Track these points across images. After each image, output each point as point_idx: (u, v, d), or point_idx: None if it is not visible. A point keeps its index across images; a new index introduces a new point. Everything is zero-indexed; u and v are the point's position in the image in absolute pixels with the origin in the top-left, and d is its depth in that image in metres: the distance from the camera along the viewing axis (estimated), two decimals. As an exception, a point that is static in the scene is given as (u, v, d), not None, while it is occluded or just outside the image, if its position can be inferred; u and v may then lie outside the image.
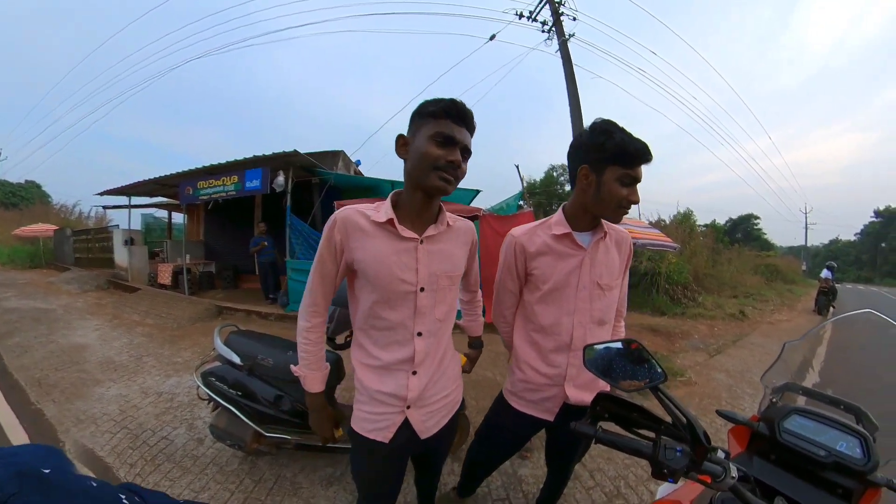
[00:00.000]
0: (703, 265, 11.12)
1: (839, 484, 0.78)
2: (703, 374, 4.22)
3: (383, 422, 1.02)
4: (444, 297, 1.03)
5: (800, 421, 0.88)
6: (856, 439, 0.81)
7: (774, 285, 14.88)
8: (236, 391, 1.87)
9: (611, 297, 1.21)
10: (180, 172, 6.91)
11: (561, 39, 8.15)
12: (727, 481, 0.67)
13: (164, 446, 2.26)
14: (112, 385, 3.09)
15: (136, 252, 8.36)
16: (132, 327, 4.95)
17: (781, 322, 8.26)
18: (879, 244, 47.50)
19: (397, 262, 0.95)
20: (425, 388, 1.03)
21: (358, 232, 0.96)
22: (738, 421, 0.97)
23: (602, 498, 2.02)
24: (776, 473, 0.84)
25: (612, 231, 1.21)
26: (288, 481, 1.99)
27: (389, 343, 1.00)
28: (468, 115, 0.94)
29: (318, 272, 1.00)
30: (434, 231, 1.00)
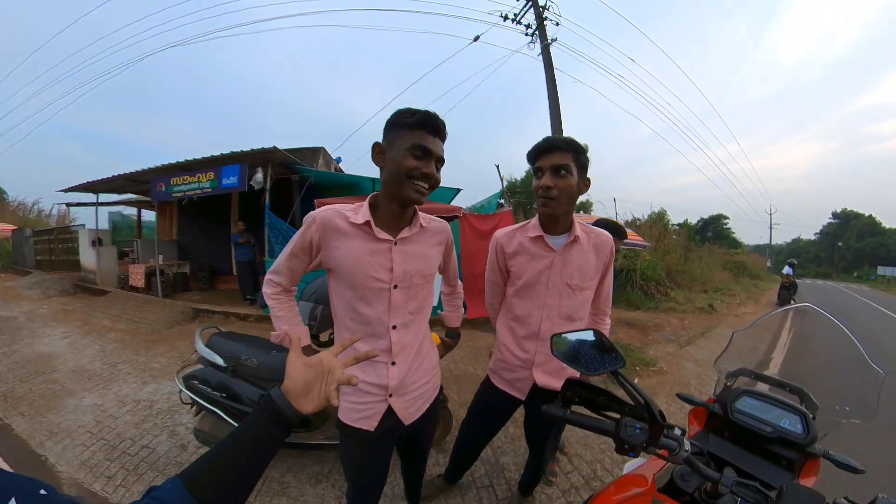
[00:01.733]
0: (676, 262, 11.80)
1: (783, 456, 0.87)
2: (673, 363, 4.49)
3: (368, 410, 1.09)
4: (416, 293, 1.11)
5: (749, 402, 0.97)
6: (797, 417, 0.91)
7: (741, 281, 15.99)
8: (220, 393, 1.87)
9: (581, 296, 1.31)
10: (152, 168, 6.61)
11: (543, 43, 8.33)
12: (681, 454, 0.76)
13: (145, 455, 2.23)
14: (86, 395, 2.98)
15: (104, 253, 7.91)
16: (104, 333, 4.75)
17: (747, 315, 8.77)
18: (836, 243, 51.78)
19: (372, 262, 1.02)
20: (405, 376, 1.11)
21: (336, 233, 1.02)
22: (695, 403, 1.07)
23: (580, 480, 2.15)
24: (730, 448, 0.93)
25: (592, 235, 1.31)
26: (276, 481, 2.01)
27: (367, 336, 1.07)
28: (442, 126, 1.00)
29: (289, 260, 1.08)
30: (408, 233, 1.06)
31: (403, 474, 1.58)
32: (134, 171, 6.84)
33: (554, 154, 1.17)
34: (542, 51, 8.36)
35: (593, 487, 2.11)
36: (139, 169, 6.77)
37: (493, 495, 2.00)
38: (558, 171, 1.16)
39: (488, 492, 2.03)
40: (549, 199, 1.18)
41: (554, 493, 2.02)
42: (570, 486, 2.09)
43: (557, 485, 2.09)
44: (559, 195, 1.17)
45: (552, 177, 1.17)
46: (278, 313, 1.14)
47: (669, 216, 16.13)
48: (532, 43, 8.66)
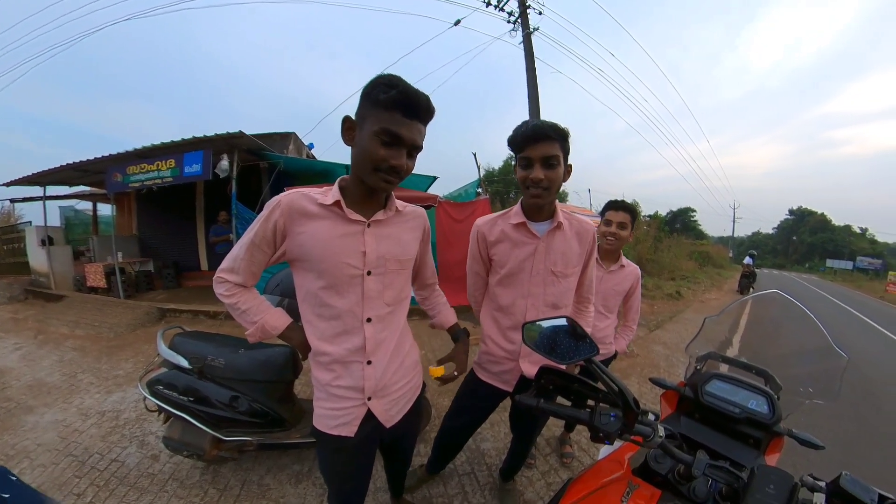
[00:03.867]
0: (647, 251, 12.62)
1: (751, 435, 0.91)
2: (644, 347, 4.75)
3: (346, 416, 1.01)
4: (392, 281, 1.01)
5: (719, 384, 1.00)
6: (763, 398, 0.94)
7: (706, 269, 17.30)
8: (188, 397, 1.78)
9: (565, 283, 1.30)
10: (107, 156, 6.05)
11: (525, 32, 8.26)
12: (655, 440, 0.77)
13: (115, 469, 2.11)
14: (45, 411, 2.78)
15: (56, 253, 7.30)
16: (61, 342, 4.43)
17: (711, 300, 9.50)
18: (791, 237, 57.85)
19: (342, 246, 0.93)
20: (382, 377, 1.02)
21: (303, 217, 0.92)
22: (667, 386, 1.10)
23: (556, 462, 2.24)
24: (701, 430, 0.96)
25: (574, 222, 1.30)
26: (255, 484, 1.98)
27: (338, 333, 0.97)
28: (423, 106, 0.85)
29: (249, 251, 0.95)
30: (383, 216, 0.98)
31: (386, 471, 1.55)
32: (86, 161, 6.22)
33: (543, 143, 1.11)
34: (523, 39, 8.32)
35: (572, 468, 2.19)
36: (92, 158, 6.16)
37: (475, 482, 2.04)
38: (548, 162, 1.12)
39: (470, 478, 2.06)
40: (540, 189, 1.15)
41: (534, 476, 2.08)
42: (549, 468, 2.16)
43: (536, 467, 2.16)
44: (550, 186, 1.15)
45: (543, 168, 1.12)
46: (242, 307, 1.00)
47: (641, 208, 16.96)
48: (514, 31, 8.60)
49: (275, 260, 0.97)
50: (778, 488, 0.62)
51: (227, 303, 1.00)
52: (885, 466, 2.66)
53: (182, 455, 1.92)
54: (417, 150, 0.90)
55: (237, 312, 1.01)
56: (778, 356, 1.29)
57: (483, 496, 1.94)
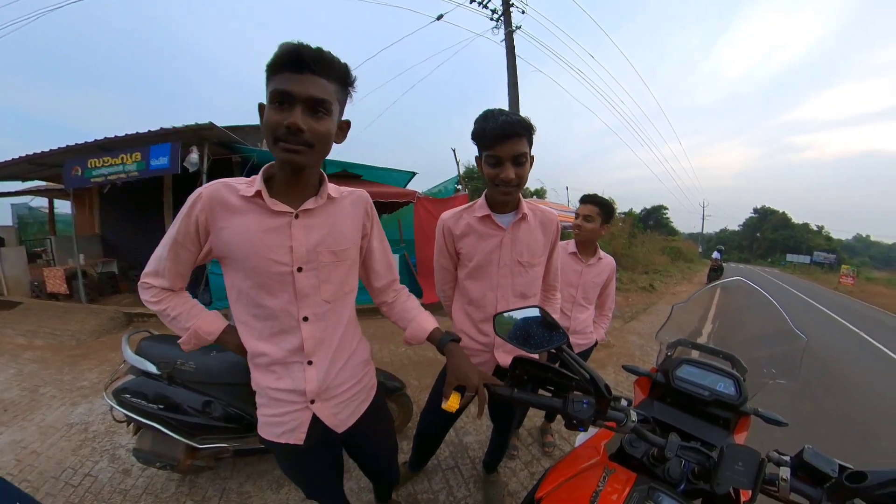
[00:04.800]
0: (622, 246, 13.48)
1: (720, 416, 0.96)
2: (620, 337, 4.98)
3: (290, 423, 0.95)
4: (328, 275, 0.92)
5: (689, 369, 1.04)
6: (731, 380, 0.99)
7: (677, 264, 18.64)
8: (157, 405, 1.70)
9: (533, 273, 1.33)
10: (65, 148, 5.60)
11: (508, 30, 8.35)
12: (628, 425, 0.79)
13: (88, 485, 2.00)
14: (3, 430, 2.58)
15: (9, 256, 6.77)
16: (18, 354, 4.12)
17: (682, 293, 10.05)
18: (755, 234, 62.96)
19: (266, 241, 0.85)
20: (326, 377, 0.95)
21: (225, 210, 0.84)
22: (640, 373, 1.14)
23: (538, 451, 2.30)
24: (673, 413, 1.00)
25: (538, 213, 1.32)
26: (234, 493, 1.93)
27: (274, 334, 0.91)
28: (307, 56, 0.74)
29: (173, 250, 0.88)
30: (313, 204, 0.88)
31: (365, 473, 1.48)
32: (40, 153, 5.72)
33: (513, 142, 1.09)
34: (505, 37, 8.42)
35: (554, 457, 2.25)
36: (47, 149, 5.67)
37: (459, 475, 2.06)
38: (518, 160, 1.12)
39: (454, 472, 2.09)
40: (510, 188, 1.15)
41: (517, 466, 2.13)
42: (531, 458, 2.21)
43: (519, 457, 2.21)
44: (520, 183, 1.16)
45: (513, 167, 1.11)
46: (171, 313, 0.92)
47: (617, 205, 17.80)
48: (497, 28, 8.71)
49: (202, 258, 0.91)
50: (746, 465, 0.65)
51: (154, 310, 0.93)
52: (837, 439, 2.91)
53: (155, 467, 1.84)
54: (322, 105, 0.77)
55: (167, 319, 0.93)
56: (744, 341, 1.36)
57: (468, 489, 1.96)
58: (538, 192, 18.70)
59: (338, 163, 6.53)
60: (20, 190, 8.54)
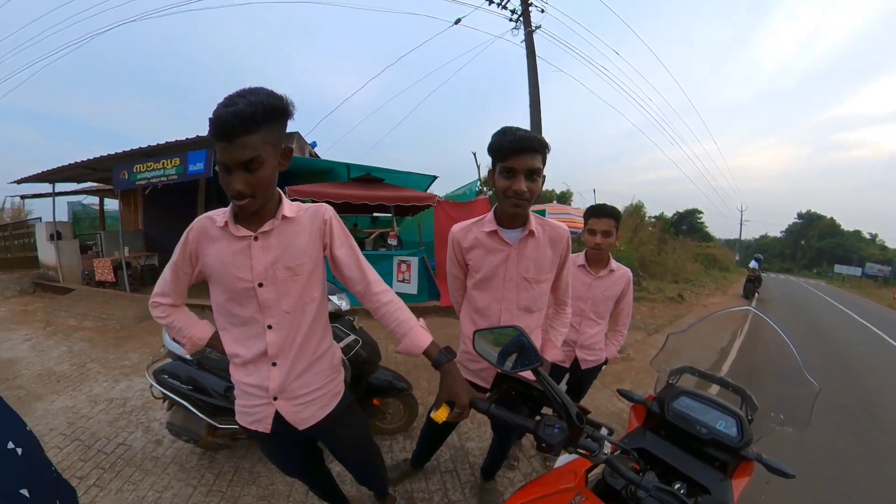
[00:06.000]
0: (650, 253, 12.34)
1: (718, 458, 0.87)
2: (640, 350, 4.77)
3: (257, 413, 1.10)
4: (287, 288, 1.02)
5: (687, 402, 0.96)
6: (733, 419, 0.90)
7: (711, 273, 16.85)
8: (188, 386, 1.92)
9: (538, 288, 1.34)
10: (114, 154, 6.23)
11: (527, 30, 8.19)
12: (600, 456, 0.76)
13: (122, 452, 2.26)
14: (56, 398, 2.93)
15: (65, 248, 7.49)
16: (70, 333, 4.60)
17: (714, 305, 9.22)
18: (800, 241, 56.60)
19: (233, 262, 1.00)
20: (286, 379, 1.07)
21: (207, 239, 1.02)
22: (634, 400, 1.07)
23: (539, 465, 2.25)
24: (665, 447, 0.93)
25: (548, 228, 1.31)
26: (246, 471, 2.10)
27: (247, 338, 1.06)
28: (231, 125, 0.81)
29: (174, 273, 1.08)
30: (269, 226, 1.00)
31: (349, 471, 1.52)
32: (93, 159, 6.43)
33: (528, 156, 1.11)
34: (525, 38, 8.25)
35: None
36: (99, 155, 6.35)
37: (456, 480, 2.07)
38: (532, 175, 1.14)
39: (452, 476, 2.09)
40: (522, 201, 1.17)
41: (515, 477, 2.09)
42: (531, 470, 2.17)
43: (519, 469, 2.18)
44: (531, 198, 1.17)
45: (526, 181, 1.13)
46: (176, 325, 1.15)
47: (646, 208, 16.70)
48: (516, 29, 8.53)
49: (195, 278, 1.09)
50: None
51: (163, 323, 1.14)
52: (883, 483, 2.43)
53: (181, 439, 2.06)
54: (252, 162, 0.86)
55: (173, 331, 1.15)
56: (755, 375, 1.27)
57: (463, 493, 1.98)
58: (563, 196, 17.92)
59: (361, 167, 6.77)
60: (75, 190, 9.39)
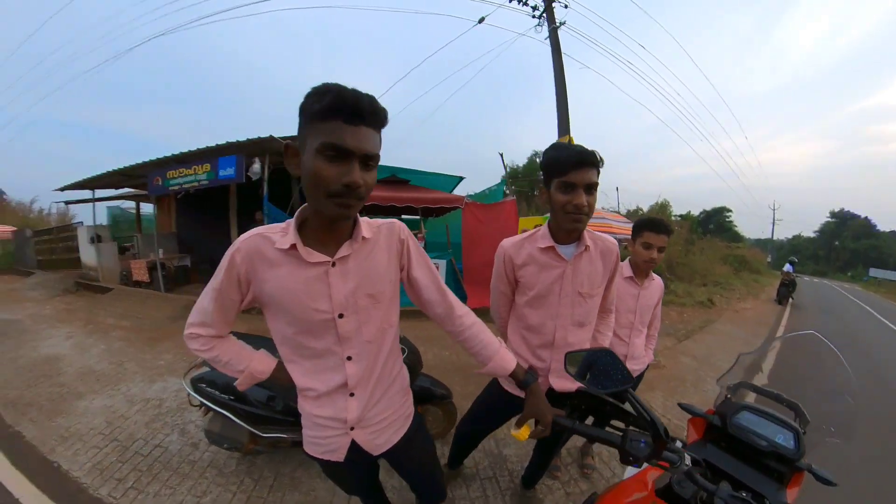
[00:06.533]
0: (677, 254, 11.86)
1: (776, 469, 0.93)
2: (671, 357, 4.55)
3: (331, 444, 1.02)
4: (368, 317, 0.93)
5: (748, 416, 1.02)
6: (791, 433, 0.96)
7: (742, 275, 15.93)
8: (228, 395, 1.88)
9: (591, 303, 1.33)
10: (148, 162, 6.52)
11: (551, 27, 8.06)
12: (681, 467, 0.82)
13: (159, 454, 2.26)
14: (95, 397, 2.99)
15: (104, 249, 7.90)
16: (108, 332, 4.75)
17: (746, 310, 8.78)
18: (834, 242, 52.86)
19: (307, 292, 0.86)
20: (365, 408, 0.99)
21: (263, 263, 0.85)
22: (696, 413, 1.11)
23: (577, 472, 2.19)
24: (726, 458, 0.98)
25: (599, 242, 1.32)
26: (287, 477, 2.06)
27: (321, 371, 0.95)
28: (366, 107, 0.71)
29: (218, 301, 0.90)
30: (348, 250, 0.88)
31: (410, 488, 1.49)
32: (129, 166, 6.77)
33: (589, 170, 1.12)
34: (549, 34, 8.10)
35: (592, 479, 2.14)
36: (135, 163, 6.67)
37: (496, 486, 2.05)
38: (591, 189, 1.15)
39: (492, 483, 2.07)
40: (582, 216, 1.16)
41: (554, 485, 2.06)
42: (569, 478, 2.14)
43: (559, 478, 2.13)
44: (590, 212, 1.18)
45: (586, 195, 1.14)
46: (223, 359, 0.98)
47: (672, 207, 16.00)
48: (539, 26, 8.39)
49: (245, 305, 0.92)
50: None
51: (206, 357, 0.97)
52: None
53: (221, 447, 2.03)
54: (374, 161, 0.77)
55: (219, 364, 0.98)
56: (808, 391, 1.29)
57: (504, 501, 1.94)
58: None
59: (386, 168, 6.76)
60: (114, 195, 9.84)
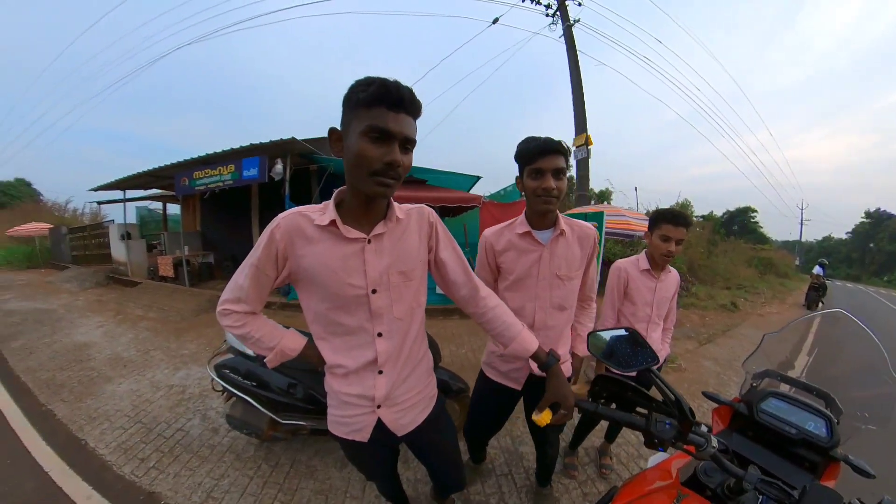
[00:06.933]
0: (699, 256, 11.40)
1: (806, 458, 0.88)
2: (692, 361, 4.37)
3: (357, 423, 1.02)
4: (400, 294, 0.96)
5: (775, 403, 0.97)
6: (822, 420, 0.91)
7: (767, 278, 15.03)
8: (250, 381, 1.91)
9: (570, 286, 1.39)
10: (175, 163, 6.81)
11: (566, 24, 7.99)
12: (708, 450, 0.78)
13: (180, 438, 2.32)
14: (122, 381, 3.12)
15: (133, 246, 8.30)
16: (136, 322, 4.96)
17: (771, 315, 8.36)
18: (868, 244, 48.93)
19: (344, 267, 0.89)
20: (392, 386, 1.01)
21: (302, 239, 0.89)
22: (721, 401, 1.06)
23: (594, 472, 2.13)
24: (753, 448, 0.94)
25: (576, 228, 1.38)
26: (303, 465, 2.07)
27: (351, 348, 0.97)
28: (406, 97, 0.79)
29: (254, 277, 0.92)
30: (383, 228, 0.92)
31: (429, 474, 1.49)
32: (158, 167, 7.08)
33: (554, 156, 1.21)
34: (563, 32, 8.02)
35: (610, 480, 2.08)
36: (163, 165, 6.98)
37: (511, 483, 2.01)
38: (558, 174, 1.23)
39: (507, 479, 2.04)
40: (551, 198, 1.24)
41: (571, 485, 2.02)
42: (586, 478, 2.08)
43: (576, 478, 2.08)
44: (559, 195, 1.24)
45: (554, 179, 1.22)
46: (255, 335, 0.99)
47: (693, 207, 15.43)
48: (553, 24, 8.31)
49: (279, 282, 0.95)
50: None
51: (237, 334, 0.98)
52: None
53: (242, 432, 2.05)
54: (411, 145, 0.84)
55: (250, 341, 1.00)
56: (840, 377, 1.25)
57: (519, 498, 1.91)
58: (603, 194, 16.83)
59: (404, 168, 6.80)
60: (142, 196, 10.34)
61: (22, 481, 1.93)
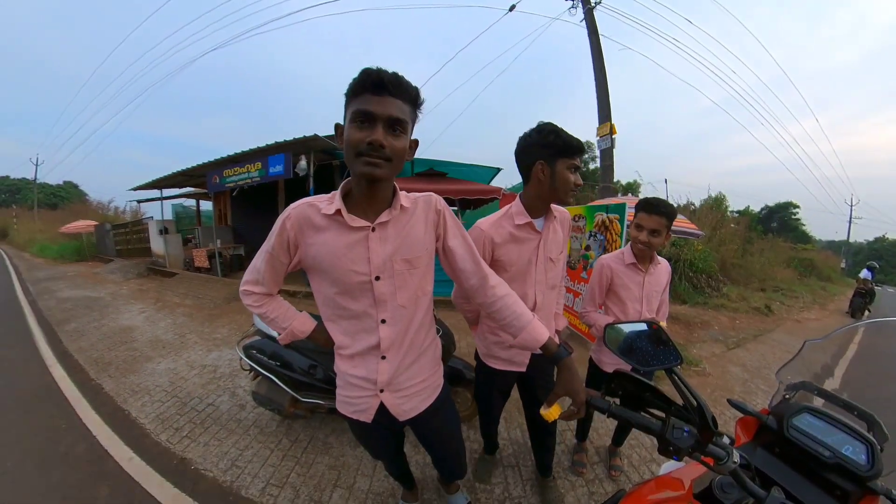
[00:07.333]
0: (732, 254, 10.51)
1: (839, 486, 0.77)
2: (718, 365, 4.13)
3: (361, 404, 1.07)
4: (403, 282, 0.98)
5: (809, 420, 0.87)
6: (863, 445, 0.80)
7: (808, 281, 13.72)
8: (275, 361, 2.05)
9: (559, 266, 1.48)
10: (207, 163, 7.19)
11: (586, 7, 7.58)
12: (729, 465, 0.69)
13: (210, 412, 2.51)
14: (161, 360, 3.38)
15: (171, 240, 8.86)
16: (174, 309, 5.33)
17: (809, 321, 7.73)
18: None
19: (348, 254, 0.92)
20: (395, 372, 1.04)
21: (311, 229, 0.93)
22: (747, 412, 0.97)
23: (603, 472, 2.08)
24: (778, 466, 0.85)
25: (557, 212, 1.43)
26: (320, 441, 2.19)
27: (357, 331, 1.01)
28: (387, 80, 0.81)
29: (269, 262, 0.99)
30: (387, 217, 0.94)
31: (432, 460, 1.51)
32: (191, 167, 7.48)
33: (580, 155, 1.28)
34: (584, 16, 7.57)
35: (619, 482, 2.03)
36: (195, 164, 7.37)
37: (518, 475, 2.00)
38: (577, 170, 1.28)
39: (514, 471, 2.03)
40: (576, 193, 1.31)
41: (577, 482, 1.99)
42: (594, 477, 2.04)
43: (584, 475, 2.05)
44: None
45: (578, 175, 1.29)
46: (271, 315, 1.08)
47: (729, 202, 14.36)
48: (574, 8, 7.88)
49: (292, 267, 1.01)
50: None
51: (256, 312, 1.07)
52: None
53: (265, 408, 2.20)
54: (399, 124, 0.84)
55: (267, 320, 1.08)
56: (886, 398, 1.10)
57: (524, 489, 1.90)
58: (630, 187, 16.08)
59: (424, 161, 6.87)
60: (177, 194, 10.95)
61: (75, 443, 2.16)
